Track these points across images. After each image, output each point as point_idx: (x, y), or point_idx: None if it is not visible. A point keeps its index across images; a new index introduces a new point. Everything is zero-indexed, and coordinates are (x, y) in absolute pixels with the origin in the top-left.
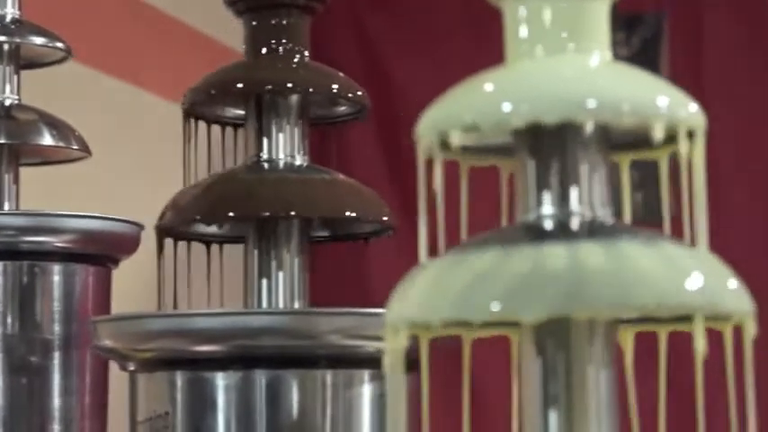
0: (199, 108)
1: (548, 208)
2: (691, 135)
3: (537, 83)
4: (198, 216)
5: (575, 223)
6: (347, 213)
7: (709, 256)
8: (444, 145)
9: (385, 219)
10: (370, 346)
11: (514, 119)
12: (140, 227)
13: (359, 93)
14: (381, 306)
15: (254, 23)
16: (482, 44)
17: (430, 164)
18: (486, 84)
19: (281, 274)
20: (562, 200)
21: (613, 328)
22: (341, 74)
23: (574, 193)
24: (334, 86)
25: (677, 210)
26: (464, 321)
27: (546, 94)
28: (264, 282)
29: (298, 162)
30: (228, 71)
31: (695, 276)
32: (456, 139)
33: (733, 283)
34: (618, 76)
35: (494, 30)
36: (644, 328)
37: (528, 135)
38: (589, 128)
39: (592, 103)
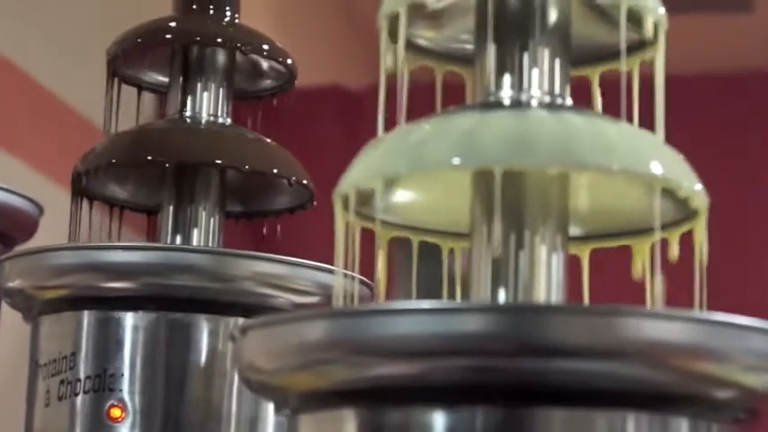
0: (122, 62)
1: (507, 91)
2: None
3: None
4: (113, 160)
5: (535, 102)
6: (274, 170)
7: (669, 147)
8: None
9: (306, 183)
10: (285, 298)
11: None
12: (39, 207)
13: (288, 60)
14: None
15: None
16: None
17: None
18: None
19: (195, 232)
20: (521, 85)
21: (565, 216)
22: (271, 39)
23: (535, 77)
24: (265, 47)
25: None
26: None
27: None
28: (179, 238)
29: (220, 122)
30: (156, 23)
31: (659, 153)
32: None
33: (690, 172)
34: None
35: None
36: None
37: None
38: (552, 16)
39: None
